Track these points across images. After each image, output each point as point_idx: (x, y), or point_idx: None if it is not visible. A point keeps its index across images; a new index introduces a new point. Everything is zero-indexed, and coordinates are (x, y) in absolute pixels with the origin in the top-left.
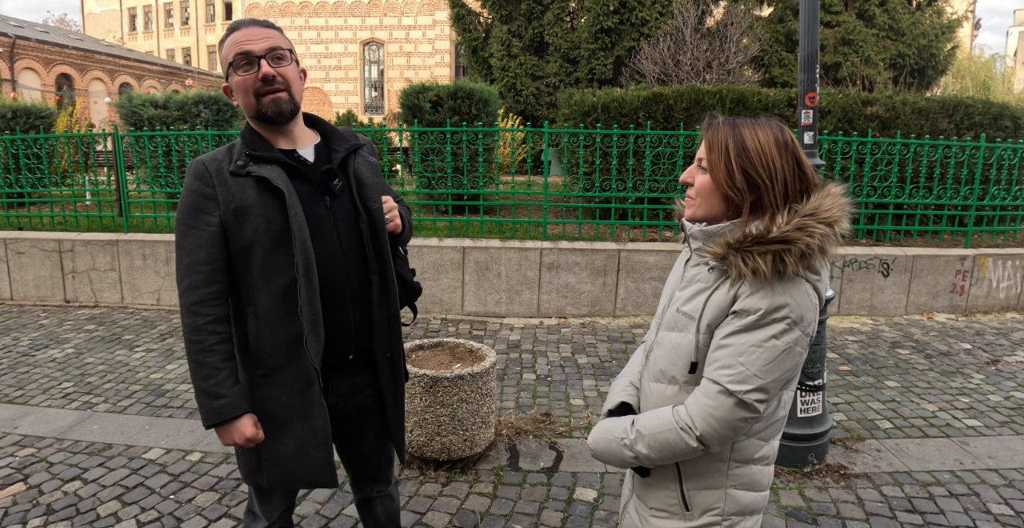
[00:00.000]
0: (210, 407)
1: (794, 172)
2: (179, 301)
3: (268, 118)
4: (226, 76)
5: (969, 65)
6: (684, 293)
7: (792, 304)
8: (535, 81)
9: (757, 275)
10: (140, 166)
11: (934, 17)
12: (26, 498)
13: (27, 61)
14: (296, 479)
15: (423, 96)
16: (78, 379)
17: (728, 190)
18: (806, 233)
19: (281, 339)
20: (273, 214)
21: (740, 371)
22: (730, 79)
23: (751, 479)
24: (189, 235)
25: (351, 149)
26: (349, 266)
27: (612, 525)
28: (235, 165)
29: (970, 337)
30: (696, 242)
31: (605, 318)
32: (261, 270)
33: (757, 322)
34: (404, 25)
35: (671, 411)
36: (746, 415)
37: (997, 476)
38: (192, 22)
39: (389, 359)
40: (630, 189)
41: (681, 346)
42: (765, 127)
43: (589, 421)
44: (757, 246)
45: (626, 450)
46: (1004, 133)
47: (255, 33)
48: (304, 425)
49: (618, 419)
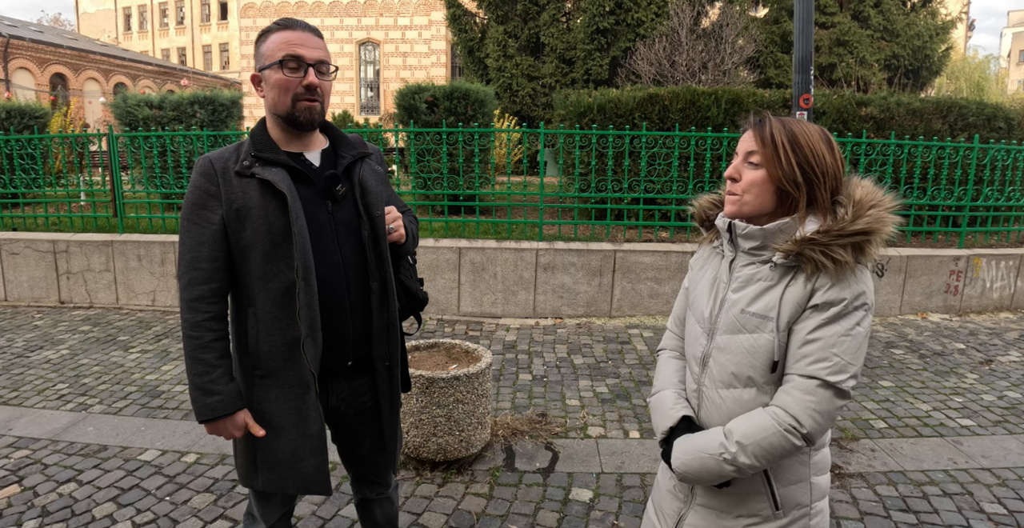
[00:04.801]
0: (204, 403)
1: (839, 167)
2: (179, 296)
3: (298, 123)
4: (260, 67)
5: (963, 66)
6: (743, 294)
7: (867, 290)
8: (531, 82)
9: (839, 267)
10: (135, 166)
11: (928, 18)
12: (21, 500)
13: (21, 61)
14: (290, 484)
15: (419, 96)
16: (73, 380)
17: (786, 184)
18: (883, 223)
19: (279, 341)
20: (274, 216)
21: (836, 362)
22: (725, 80)
23: (824, 462)
24: (191, 231)
25: (358, 156)
26: (349, 272)
27: (608, 525)
28: (240, 165)
29: (964, 337)
30: (751, 241)
31: (601, 318)
32: (260, 271)
33: (841, 312)
34: (400, 25)
35: (766, 414)
36: (843, 403)
37: (991, 475)
38: (187, 22)
39: (387, 367)
40: (626, 190)
41: (758, 347)
42: (809, 124)
43: (585, 422)
44: (839, 239)
45: (726, 465)
46: (998, 134)
47: (310, 40)
48: (299, 430)
49: (703, 435)
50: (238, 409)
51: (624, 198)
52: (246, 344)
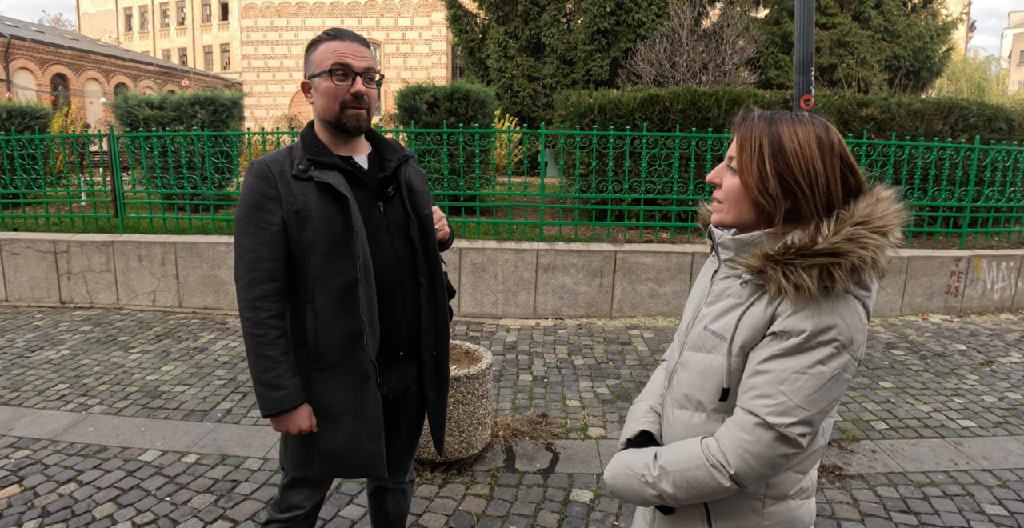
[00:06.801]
0: (270, 398)
1: (839, 177)
2: (238, 296)
3: (346, 130)
4: (310, 75)
5: (964, 67)
6: (712, 309)
7: (841, 325)
8: (531, 82)
9: (800, 292)
10: (136, 167)
11: (929, 19)
12: (21, 500)
13: (22, 61)
14: (347, 469)
15: (419, 97)
16: (73, 381)
17: (759, 196)
18: (859, 244)
19: (338, 336)
20: (334, 218)
21: (782, 402)
22: (726, 80)
23: (789, 516)
24: (251, 233)
25: (402, 159)
26: (401, 269)
27: (608, 527)
28: (297, 169)
29: (965, 338)
30: (727, 252)
31: (601, 319)
32: (320, 270)
33: (801, 345)
34: (401, 26)
35: (700, 445)
36: (787, 451)
37: (991, 476)
38: (188, 22)
39: (434, 357)
40: (626, 190)
41: (710, 369)
42: (807, 124)
43: (585, 422)
44: (801, 259)
45: (648, 488)
46: (998, 135)
47: (359, 50)
48: (357, 418)
49: (638, 451)
50: (303, 402)
51: (625, 199)
52: (304, 340)
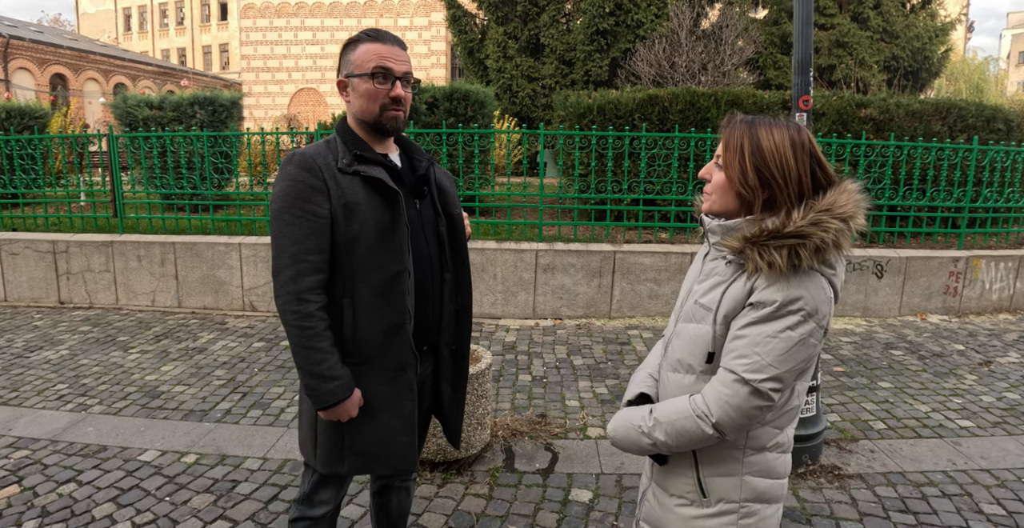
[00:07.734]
0: (326, 389)
1: (810, 171)
2: (280, 289)
3: (385, 131)
4: (348, 74)
5: (963, 67)
6: (702, 286)
7: (807, 296)
8: (531, 83)
9: (773, 268)
10: (135, 167)
11: (927, 20)
12: (20, 500)
13: (21, 61)
14: (378, 464)
15: (419, 97)
16: (72, 381)
17: (740, 188)
18: (820, 228)
19: (377, 329)
20: (380, 212)
21: (756, 361)
22: (725, 81)
23: (767, 466)
24: (296, 224)
25: (430, 160)
26: (432, 264)
27: (607, 526)
28: (342, 163)
29: (963, 338)
30: (714, 236)
31: (600, 319)
32: (363, 263)
33: (773, 314)
34: (400, 26)
35: (688, 399)
36: (761, 403)
37: (990, 476)
38: (187, 22)
39: (453, 351)
40: (625, 191)
41: (699, 337)
42: (782, 127)
43: (584, 422)
44: (773, 240)
45: (644, 437)
46: (997, 135)
47: (399, 54)
48: (392, 411)
49: (637, 408)
50: (354, 389)
51: (624, 199)
52: (340, 333)
